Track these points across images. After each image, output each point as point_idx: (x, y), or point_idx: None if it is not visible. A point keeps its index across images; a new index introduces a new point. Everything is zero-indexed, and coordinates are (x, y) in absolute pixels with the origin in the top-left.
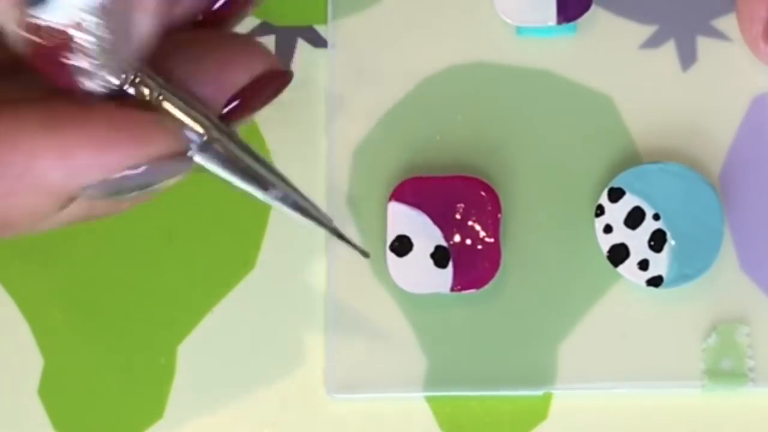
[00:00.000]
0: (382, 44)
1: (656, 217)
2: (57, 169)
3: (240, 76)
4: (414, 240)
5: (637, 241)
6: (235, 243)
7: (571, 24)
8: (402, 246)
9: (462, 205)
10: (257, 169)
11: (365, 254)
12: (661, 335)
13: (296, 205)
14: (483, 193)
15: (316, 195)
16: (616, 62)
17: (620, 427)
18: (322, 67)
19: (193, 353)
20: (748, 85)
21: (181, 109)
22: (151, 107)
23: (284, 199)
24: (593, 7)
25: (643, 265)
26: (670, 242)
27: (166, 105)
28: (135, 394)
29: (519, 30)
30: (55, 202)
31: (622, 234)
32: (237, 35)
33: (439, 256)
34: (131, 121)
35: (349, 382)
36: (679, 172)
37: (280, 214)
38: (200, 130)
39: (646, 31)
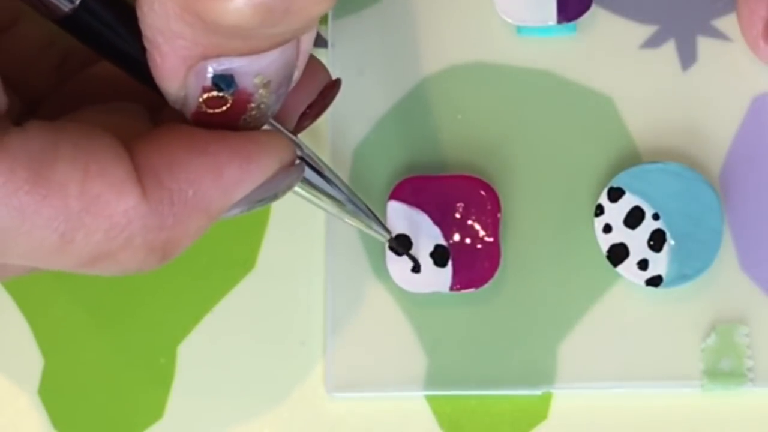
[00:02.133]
0: (382, 44)
1: (656, 216)
2: (214, 188)
3: (311, 93)
4: (413, 239)
5: (637, 240)
6: (235, 243)
7: (571, 24)
8: (402, 245)
9: (461, 205)
10: (336, 182)
11: (417, 264)
12: (661, 335)
13: (359, 217)
14: (483, 193)
15: None
16: (616, 62)
17: (620, 427)
18: None
19: (193, 353)
20: (748, 85)
21: (278, 128)
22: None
23: (354, 213)
24: (593, 7)
25: (643, 264)
26: (670, 242)
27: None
28: (135, 394)
29: (519, 30)
30: (211, 221)
31: (621, 234)
32: None
33: (439, 256)
34: (264, 137)
35: (349, 382)
36: (679, 172)
37: (281, 214)
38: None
39: (646, 31)
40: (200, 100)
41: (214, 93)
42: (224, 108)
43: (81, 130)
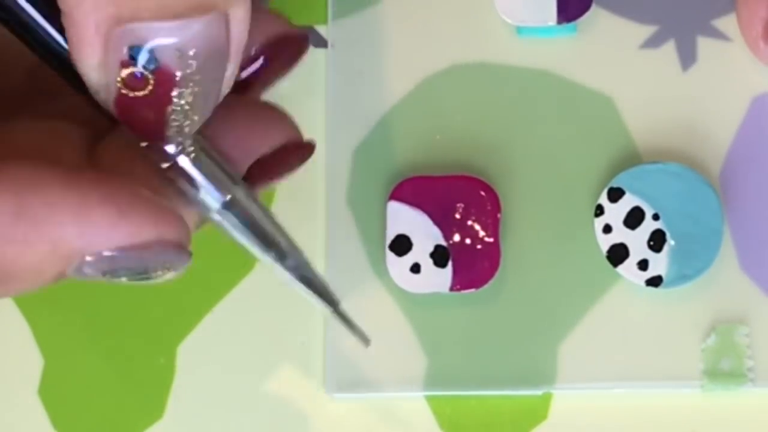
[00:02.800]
0: (382, 44)
1: (656, 217)
2: (71, 224)
3: (262, 144)
4: (413, 239)
5: (637, 241)
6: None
7: (571, 24)
8: (401, 245)
9: (462, 205)
10: (274, 237)
11: (366, 341)
12: (661, 335)
13: (306, 279)
14: (483, 193)
15: (316, 195)
16: (616, 62)
17: (620, 427)
18: (322, 67)
19: (193, 353)
20: (748, 85)
21: (208, 167)
22: (169, 175)
23: (295, 271)
24: (593, 7)
25: (643, 265)
26: (670, 242)
27: (187, 166)
28: (135, 394)
29: (519, 30)
30: (58, 262)
31: (621, 234)
32: (262, 103)
33: (439, 256)
34: (151, 200)
35: (349, 382)
36: (679, 172)
37: (280, 214)
38: (226, 189)
39: (646, 31)
40: (119, 78)
41: (132, 69)
42: (147, 91)
43: None
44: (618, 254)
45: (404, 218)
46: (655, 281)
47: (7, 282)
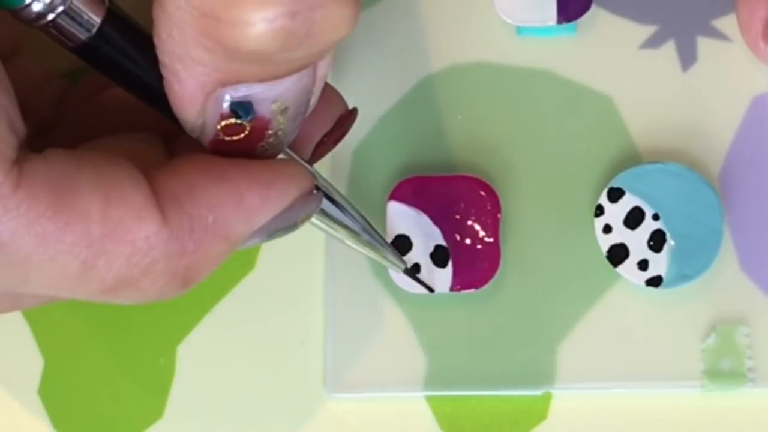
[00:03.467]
0: (381, 44)
1: (656, 217)
2: (235, 215)
3: (327, 123)
4: (413, 239)
5: (637, 241)
6: None
7: (571, 24)
8: (401, 245)
9: (461, 205)
10: (352, 212)
11: (430, 290)
12: (661, 335)
13: (375, 248)
14: (482, 193)
15: None
16: (616, 62)
17: (620, 427)
18: None
19: (193, 353)
20: (748, 85)
21: (295, 157)
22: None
23: (368, 244)
24: (593, 7)
25: (643, 265)
26: (670, 242)
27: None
28: (135, 394)
29: (519, 30)
30: (232, 248)
31: (621, 234)
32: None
33: (439, 256)
34: (283, 165)
35: (349, 382)
36: (679, 172)
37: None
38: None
39: (646, 31)
40: (218, 127)
41: (232, 120)
42: (242, 135)
43: (100, 158)
44: (618, 254)
45: (404, 218)
46: (655, 281)
47: (195, 279)
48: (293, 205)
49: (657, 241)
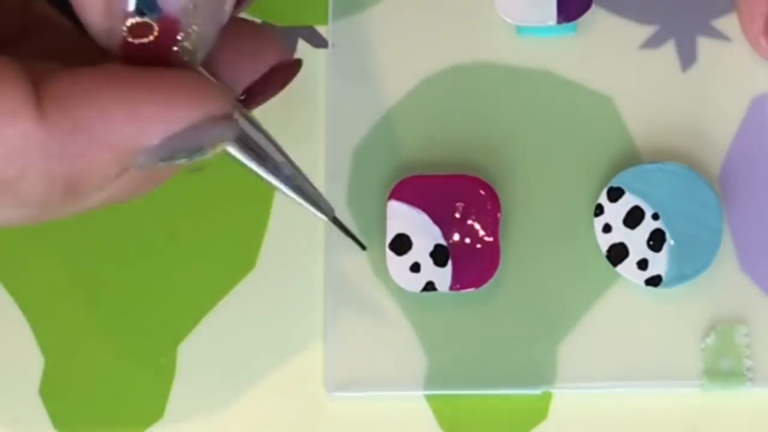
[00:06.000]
0: (382, 44)
1: (655, 216)
2: (127, 124)
3: (259, 66)
4: (413, 239)
5: (636, 240)
6: (235, 243)
7: (571, 24)
8: (401, 245)
9: (461, 204)
10: (270, 150)
11: (362, 246)
12: (660, 335)
13: (300, 190)
14: (482, 192)
15: None
16: (616, 62)
17: (619, 427)
18: (322, 67)
19: (193, 353)
20: (748, 85)
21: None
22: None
23: (289, 181)
24: (593, 7)
25: (642, 264)
26: (669, 242)
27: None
28: (135, 393)
29: (519, 30)
30: (120, 162)
31: (621, 233)
32: (255, 24)
33: (439, 255)
34: (192, 81)
35: (349, 381)
36: (679, 172)
37: (281, 214)
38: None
39: (646, 31)
40: (124, 29)
41: (138, 19)
42: (151, 37)
43: None
44: (618, 254)
45: (404, 218)
46: (654, 281)
47: (80, 195)
48: (199, 127)
49: (657, 241)
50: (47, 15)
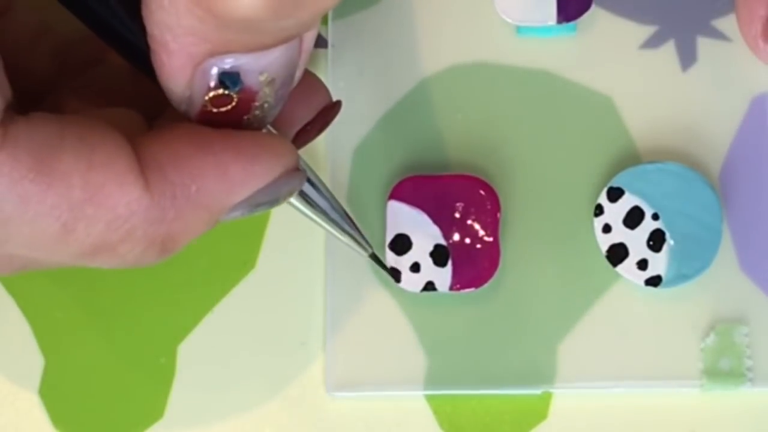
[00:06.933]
0: (382, 44)
1: (655, 216)
2: (217, 186)
3: (308, 111)
4: (413, 239)
5: (636, 240)
6: (235, 243)
7: (571, 24)
8: (401, 245)
9: (461, 204)
10: (326, 194)
11: (397, 279)
12: (660, 335)
13: (343, 230)
14: (482, 192)
15: None
16: (616, 62)
17: (619, 427)
18: (322, 67)
19: (193, 353)
20: (748, 85)
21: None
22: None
23: (337, 224)
24: (593, 7)
25: (642, 264)
26: (669, 242)
27: None
28: (135, 393)
29: (519, 30)
30: (213, 219)
31: (621, 234)
32: (306, 71)
33: (439, 255)
34: (268, 140)
35: (349, 381)
36: (679, 172)
37: (281, 214)
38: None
39: (646, 31)
40: (206, 99)
41: (220, 91)
42: (229, 107)
43: (86, 123)
44: (617, 254)
45: (404, 218)
46: (654, 281)
47: (174, 248)
48: (277, 180)
49: (656, 241)
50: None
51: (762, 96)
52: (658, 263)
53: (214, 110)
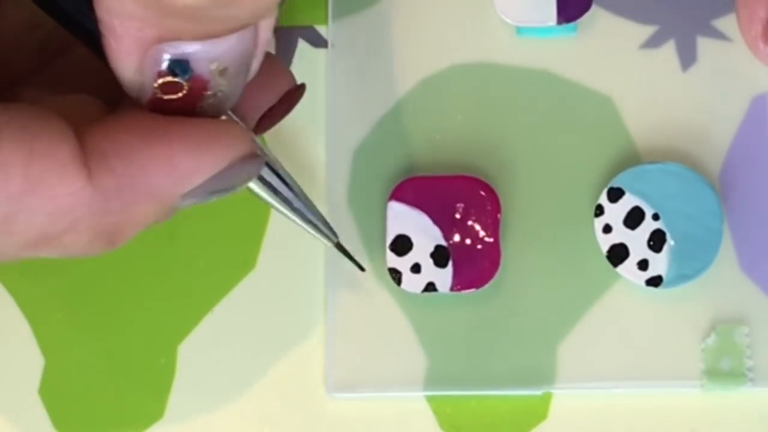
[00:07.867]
0: (382, 44)
1: (655, 217)
2: (166, 176)
3: (272, 96)
4: (414, 239)
5: (637, 241)
6: (235, 243)
7: (571, 24)
8: (402, 245)
9: (462, 205)
10: (288, 182)
11: (361, 268)
12: (661, 335)
13: (307, 219)
14: (483, 193)
15: (317, 195)
16: (616, 62)
17: (620, 427)
18: (322, 67)
19: (193, 353)
20: (748, 85)
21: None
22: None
23: (301, 212)
24: (593, 7)
25: (643, 265)
26: (670, 242)
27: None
28: (135, 393)
29: (519, 30)
30: (161, 211)
31: (621, 234)
32: (267, 54)
33: (439, 256)
34: (220, 127)
35: (349, 382)
36: (679, 172)
37: (281, 214)
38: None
39: (646, 31)
40: (155, 85)
41: (169, 78)
42: (180, 94)
43: (28, 111)
44: (618, 254)
45: (404, 218)
46: (654, 281)
47: (121, 238)
48: (231, 167)
49: (657, 241)
50: (58, 43)
51: (762, 96)
52: (659, 263)
53: (165, 97)
